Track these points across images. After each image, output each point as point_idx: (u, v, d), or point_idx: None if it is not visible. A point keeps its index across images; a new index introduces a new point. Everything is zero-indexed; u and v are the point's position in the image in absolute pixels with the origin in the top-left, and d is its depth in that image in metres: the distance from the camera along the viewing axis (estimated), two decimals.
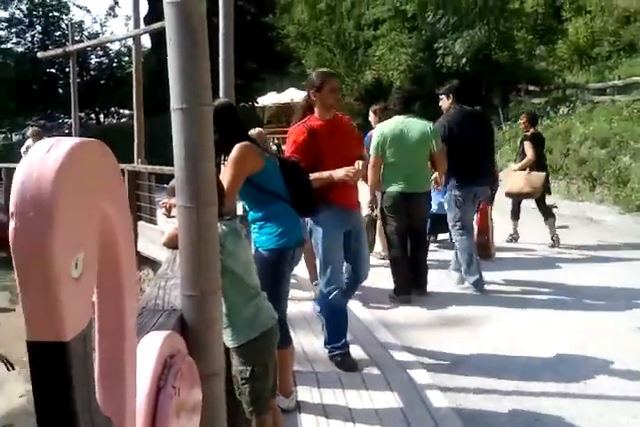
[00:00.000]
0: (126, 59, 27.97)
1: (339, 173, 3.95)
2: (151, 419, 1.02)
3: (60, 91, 25.69)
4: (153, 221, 8.32)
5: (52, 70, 26.60)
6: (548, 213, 7.68)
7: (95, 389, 0.77)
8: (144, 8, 21.19)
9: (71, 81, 10.02)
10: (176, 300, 1.77)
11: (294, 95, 27.78)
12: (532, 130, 7.87)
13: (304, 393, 3.82)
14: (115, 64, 29.42)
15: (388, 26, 23.18)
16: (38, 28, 27.68)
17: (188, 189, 1.56)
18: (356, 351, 4.39)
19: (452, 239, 6.36)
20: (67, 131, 24.99)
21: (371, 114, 7.12)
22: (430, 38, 19.42)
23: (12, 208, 0.64)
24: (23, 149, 11.32)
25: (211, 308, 1.60)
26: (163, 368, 1.11)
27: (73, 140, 0.70)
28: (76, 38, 21.60)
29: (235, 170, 3.22)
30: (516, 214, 7.97)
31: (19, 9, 27.58)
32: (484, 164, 5.99)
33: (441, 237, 7.69)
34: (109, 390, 0.81)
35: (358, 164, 4.05)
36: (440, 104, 6.11)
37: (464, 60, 17.11)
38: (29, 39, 27.67)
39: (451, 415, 3.53)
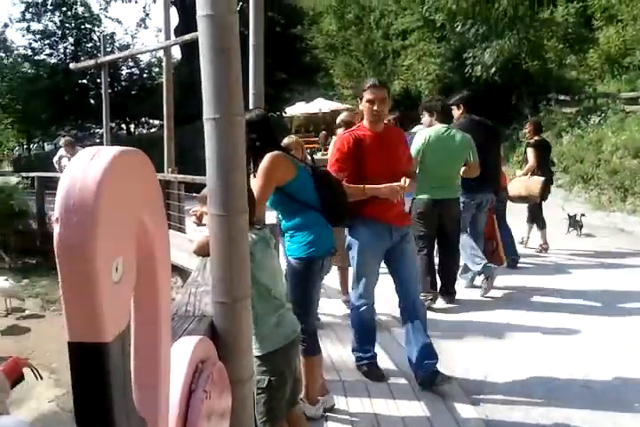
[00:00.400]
0: (156, 70, 28.34)
1: (383, 191, 3.85)
2: (183, 421, 1.05)
3: (92, 101, 26.08)
4: (182, 230, 8.41)
5: (84, 81, 27.01)
6: (538, 218, 7.99)
7: (132, 391, 0.80)
8: (174, 20, 21.53)
9: (103, 91, 10.19)
10: (206, 307, 1.80)
11: (322, 105, 27.96)
12: (536, 137, 8.06)
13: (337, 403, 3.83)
14: (145, 75, 29.78)
15: (416, 36, 23.17)
16: (70, 39, 28.13)
17: (219, 197, 1.59)
18: (383, 361, 4.38)
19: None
20: (98, 140, 25.38)
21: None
22: (459, 48, 19.35)
23: (56, 214, 0.68)
24: (56, 159, 11.53)
25: (241, 315, 1.63)
26: (194, 372, 1.14)
27: (115, 149, 0.73)
28: (108, 50, 22.01)
29: (265, 179, 3.26)
30: (536, 222, 8.05)
31: (52, 21, 28.10)
32: (491, 172, 6.16)
33: None
34: (144, 392, 0.84)
35: (404, 180, 3.92)
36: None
37: (493, 69, 16.99)
38: (62, 51, 28.13)
39: (479, 425, 3.52)
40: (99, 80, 14.75)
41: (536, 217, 8.06)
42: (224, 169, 1.58)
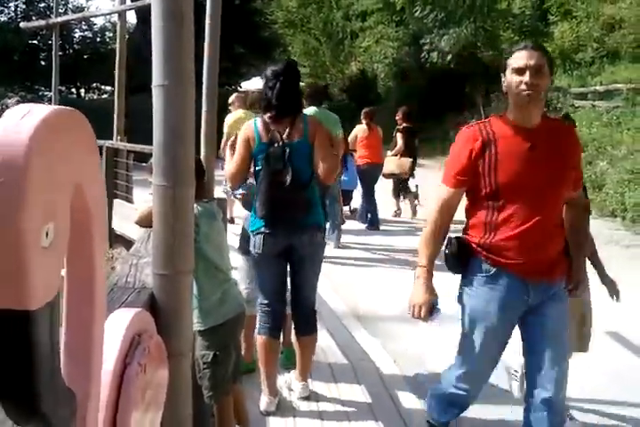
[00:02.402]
0: (110, 35, 27.60)
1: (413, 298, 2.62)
2: (116, 395, 1.01)
3: (42, 63, 25.26)
4: (129, 200, 8.25)
5: (35, 42, 26.12)
6: (408, 190, 9.73)
7: (60, 362, 0.76)
8: None
9: (53, 53, 9.84)
10: (147, 278, 1.76)
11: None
12: (404, 124, 9.49)
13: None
14: (98, 39, 28.98)
15: (375, 18, 23.14)
16: None
17: (165, 167, 1.54)
18: (326, 341, 4.42)
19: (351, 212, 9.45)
20: (46, 103, 24.51)
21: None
22: (417, 33, 19.40)
23: None
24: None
25: (182, 288, 1.59)
26: (130, 345, 1.10)
27: (48, 108, 0.69)
28: (61, 11, 21.24)
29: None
30: (396, 193, 9.84)
31: None
32: None
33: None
34: (75, 363, 0.80)
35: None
36: None
37: (449, 56, 17.13)
38: (13, 9, 27.12)
39: (417, 406, 3.57)
40: (50, 41, 14.27)
41: (403, 190, 9.76)
42: (171, 138, 1.54)
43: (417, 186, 9.77)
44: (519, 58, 2.42)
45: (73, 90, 29.66)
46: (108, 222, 8.17)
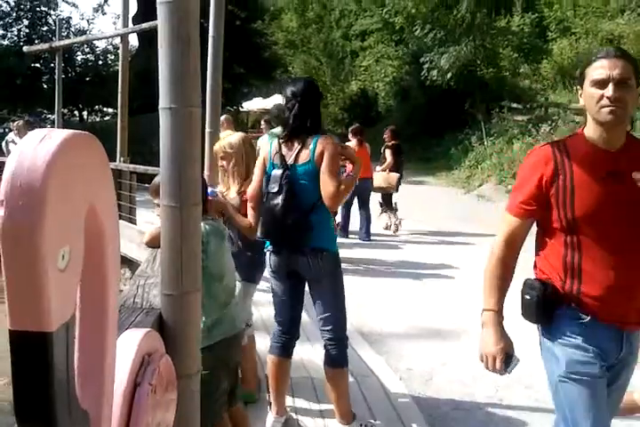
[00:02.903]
0: (112, 57, 27.82)
1: None
2: (127, 415, 1.02)
3: (45, 86, 25.46)
4: (132, 221, 8.26)
5: (37, 65, 26.35)
6: (390, 205, 10.12)
7: (75, 381, 0.77)
8: (133, 7, 21.13)
9: (56, 77, 9.94)
10: (155, 299, 1.76)
11: (279, 101, 27.87)
12: (393, 141, 10.15)
13: None
14: (100, 62, 29.22)
15: (375, 37, 23.40)
16: (25, 21, 27.37)
17: (172, 188, 1.55)
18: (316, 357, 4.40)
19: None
20: (49, 126, 24.73)
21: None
22: (417, 52, 19.60)
23: (2, 197, 0.64)
24: (4, 143, 11.20)
25: (190, 308, 1.60)
26: (140, 365, 1.11)
27: (66, 132, 0.70)
28: (63, 34, 21.46)
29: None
30: (389, 208, 10.14)
31: (6, 2, 27.29)
32: None
33: None
34: (88, 384, 0.81)
35: None
36: None
37: (449, 75, 17.26)
38: (15, 33, 27.38)
39: (420, 422, 3.56)
40: (52, 65, 14.33)
41: (388, 204, 10.14)
42: (178, 160, 1.55)
43: (395, 203, 10.20)
44: (600, 68, 2.04)
45: (75, 112, 29.85)
46: None
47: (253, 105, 28.59)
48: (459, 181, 15.28)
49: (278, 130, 6.37)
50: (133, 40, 25.67)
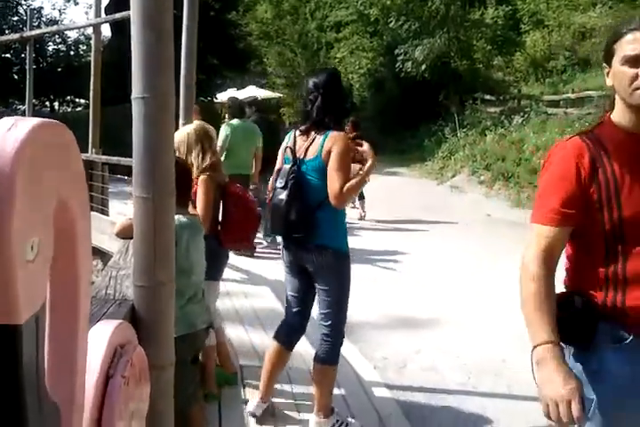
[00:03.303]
0: (84, 48, 27.44)
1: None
2: (99, 407, 1.01)
3: (16, 77, 25.03)
4: (105, 212, 8.17)
5: (8, 55, 25.89)
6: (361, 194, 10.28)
7: (45, 374, 0.76)
8: None
9: (27, 67, 9.76)
10: (127, 290, 1.75)
11: (253, 93, 27.73)
12: (354, 133, 10.09)
13: (252, 386, 3.84)
14: (72, 52, 28.80)
15: (350, 29, 23.36)
16: None
17: (145, 178, 1.54)
18: (305, 346, 4.42)
19: None
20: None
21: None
22: (391, 43, 19.61)
23: None
24: None
25: (163, 299, 1.59)
26: (113, 357, 1.10)
27: (35, 120, 0.69)
28: (34, 24, 21.10)
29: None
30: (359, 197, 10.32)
31: None
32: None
33: None
34: (59, 377, 0.80)
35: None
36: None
37: (423, 66, 17.31)
38: None
39: (394, 409, 3.59)
40: (23, 55, 14.04)
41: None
42: (151, 150, 1.54)
43: (362, 191, 10.42)
44: (634, 42, 1.71)
45: (47, 103, 29.43)
46: None
47: (227, 96, 28.40)
48: (432, 172, 15.36)
49: (236, 121, 7.07)
50: (106, 30, 25.31)
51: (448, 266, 7.07)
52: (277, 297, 5.74)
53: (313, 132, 3.14)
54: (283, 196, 3.13)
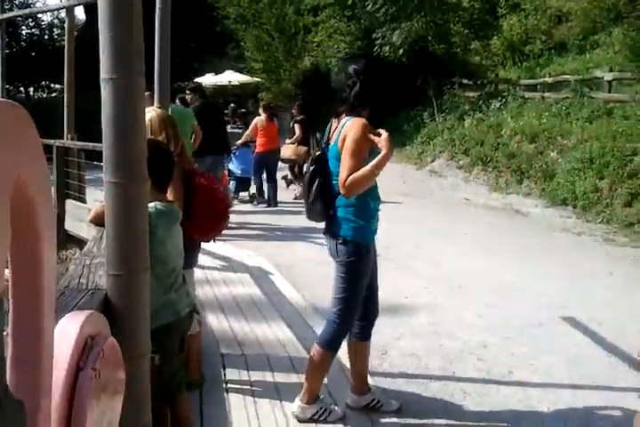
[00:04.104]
0: (59, 31, 26.95)
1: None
2: (68, 402, 0.97)
3: None
4: (82, 200, 8.06)
5: None
6: (300, 175, 10.56)
7: (5, 370, 0.72)
8: None
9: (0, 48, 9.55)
10: (101, 279, 1.70)
11: (231, 77, 27.52)
12: (301, 116, 11.09)
13: (233, 375, 3.81)
14: (46, 36, 28.30)
15: (327, 13, 23.16)
16: None
17: (115, 162, 1.49)
18: (285, 334, 4.41)
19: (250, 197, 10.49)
20: None
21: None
22: (369, 27, 19.46)
23: None
24: None
25: (137, 288, 1.54)
26: (83, 349, 1.06)
27: None
28: (6, 7, 20.60)
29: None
30: (294, 176, 11.00)
31: None
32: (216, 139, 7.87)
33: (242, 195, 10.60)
34: (22, 372, 0.76)
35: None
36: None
37: (401, 51, 17.21)
38: None
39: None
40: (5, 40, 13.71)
41: (300, 174, 10.59)
42: (122, 133, 1.48)
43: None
44: None
45: (21, 88, 28.93)
46: (61, 223, 8.00)
47: (205, 81, 28.16)
48: (411, 157, 15.35)
49: (177, 104, 7.06)
50: (80, 13, 24.87)
51: (426, 251, 7.07)
52: (258, 284, 5.71)
53: (344, 118, 3.08)
54: (305, 181, 3.18)
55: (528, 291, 5.59)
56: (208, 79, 28.01)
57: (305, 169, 3.31)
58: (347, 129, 2.99)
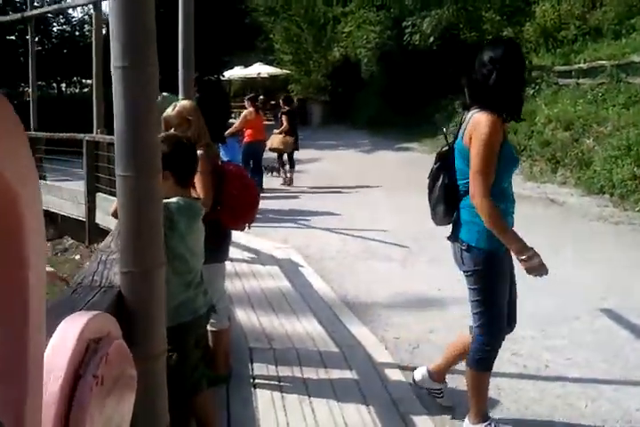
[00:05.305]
0: (89, 27, 27.18)
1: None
2: (65, 411, 0.90)
3: (22, 59, 24.89)
4: (112, 193, 8.10)
5: (13, 37, 25.68)
6: (292, 163, 11.93)
7: None
8: None
9: (29, 47, 9.65)
10: (116, 276, 1.64)
11: (261, 69, 27.47)
12: (287, 107, 12.01)
13: (260, 370, 3.75)
14: (77, 33, 28.58)
15: (356, 2, 22.92)
16: None
17: (126, 156, 1.42)
18: (315, 328, 4.34)
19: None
20: (28, 99, 24.27)
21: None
22: (398, 16, 19.21)
23: None
24: None
25: (151, 286, 1.48)
26: (84, 354, 0.99)
27: None
28: (37, 4, 20.86)
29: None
30: (281, 165, 12.06)
31: None
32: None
33: None
34: (3, 388, 0.69)
35: None
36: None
37: (432, 39, 16.96)
38: None
39: (407, 391, 3.49)
40: (28, 37, 13.83)
41: (288, 162, 11.89)
42: (133, 124, 1.41)
43: (295, 160, 12.12)
44: None
45: (54, 84, 29.29)
46: (92, 217, 8.06)
47: (234, 73, 28.17)
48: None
49: (165, 94, 7.24)
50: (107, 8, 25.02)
51: None
52: (287, 278, 5.64)
53: (472, 111, 2.78)
54: (430, 178, 2.93)
55: (565, 282, 5.41)
56: (237, 72, 28.03)
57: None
58: (474, 124, 2.68)
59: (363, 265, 6.16)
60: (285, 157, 12.04)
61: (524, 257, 2.61)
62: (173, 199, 2.38)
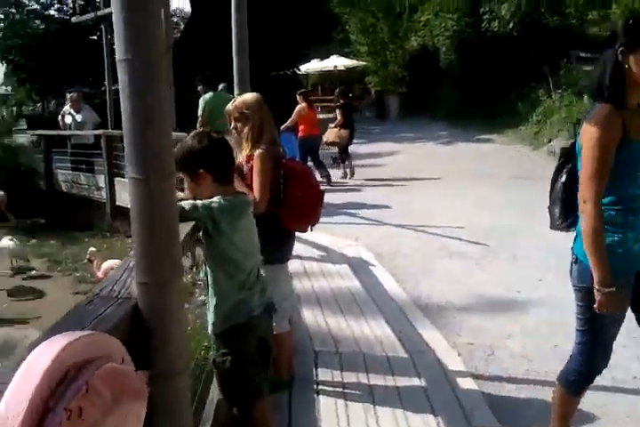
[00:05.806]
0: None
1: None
2: None
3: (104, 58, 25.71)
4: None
5: (94, 37, 26.50)
6: (348, 156, 11.73)
7: None
8: None
9: (104, 46, 9.88)
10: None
11: (337, 62, 27.30)
12: (342, 101, 12.14)
13: (325, 375, 3.62)
14: None
15: None
16: None
17: (136, 156, 1.30)
18: (384, 331, 4.16)
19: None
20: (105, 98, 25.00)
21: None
22: (476, 2, 18.61)
23: None
24: (60, 116, 11.17)
25: (168, 298, 1.35)
26: (59, 383, 0.87)
27: None
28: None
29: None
30: (342, 159, 11.82)
31: None
32: None
33: None
34: None
35: None
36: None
37: (511, 24, 16.33)
38: (70, 5, 27.42)
39: (480, 402, 3.27)
40: (109, 36, 14.19)
41: (345, 156, 11.71)
42: (141, 122, 1.29)
43: (350, 154, 11.87)
44: None
45: None
46: (113, 199, 9.16)
47: (311, 67, 28.13)
48: (526, 137, 14.56)
49: (209, 95, 7.62)
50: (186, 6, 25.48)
51: (542, 239, 6.56)
52: (357, 277, 5.48)
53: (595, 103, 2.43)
54: (559, 183, 2.66)
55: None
56: (313, 65, 27.98)
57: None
58: (588, 119, 2.33)
59: (437, 264, 5.91)
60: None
61: (602, 290, 2.28)
62: (215, 199, 2.28)
